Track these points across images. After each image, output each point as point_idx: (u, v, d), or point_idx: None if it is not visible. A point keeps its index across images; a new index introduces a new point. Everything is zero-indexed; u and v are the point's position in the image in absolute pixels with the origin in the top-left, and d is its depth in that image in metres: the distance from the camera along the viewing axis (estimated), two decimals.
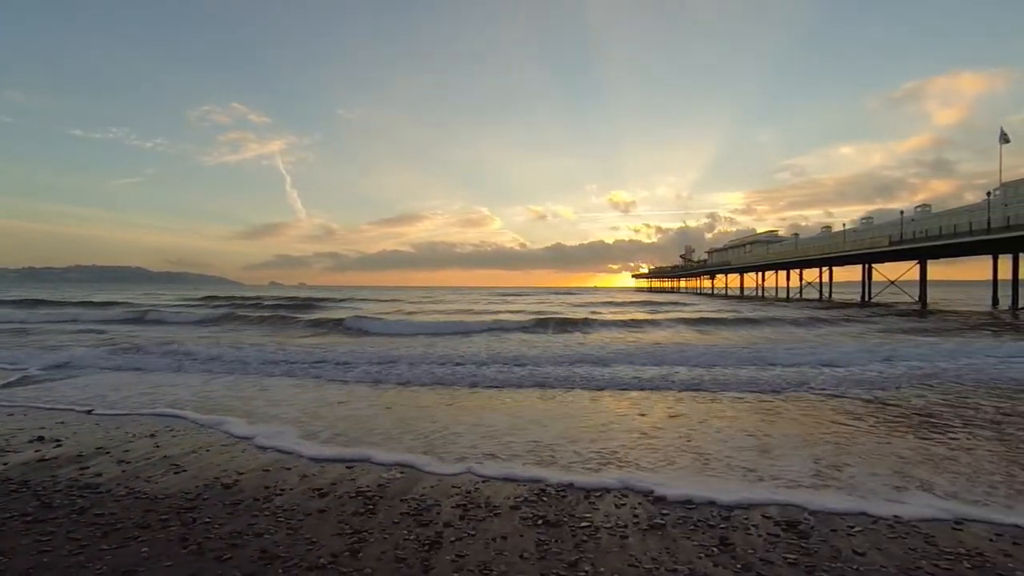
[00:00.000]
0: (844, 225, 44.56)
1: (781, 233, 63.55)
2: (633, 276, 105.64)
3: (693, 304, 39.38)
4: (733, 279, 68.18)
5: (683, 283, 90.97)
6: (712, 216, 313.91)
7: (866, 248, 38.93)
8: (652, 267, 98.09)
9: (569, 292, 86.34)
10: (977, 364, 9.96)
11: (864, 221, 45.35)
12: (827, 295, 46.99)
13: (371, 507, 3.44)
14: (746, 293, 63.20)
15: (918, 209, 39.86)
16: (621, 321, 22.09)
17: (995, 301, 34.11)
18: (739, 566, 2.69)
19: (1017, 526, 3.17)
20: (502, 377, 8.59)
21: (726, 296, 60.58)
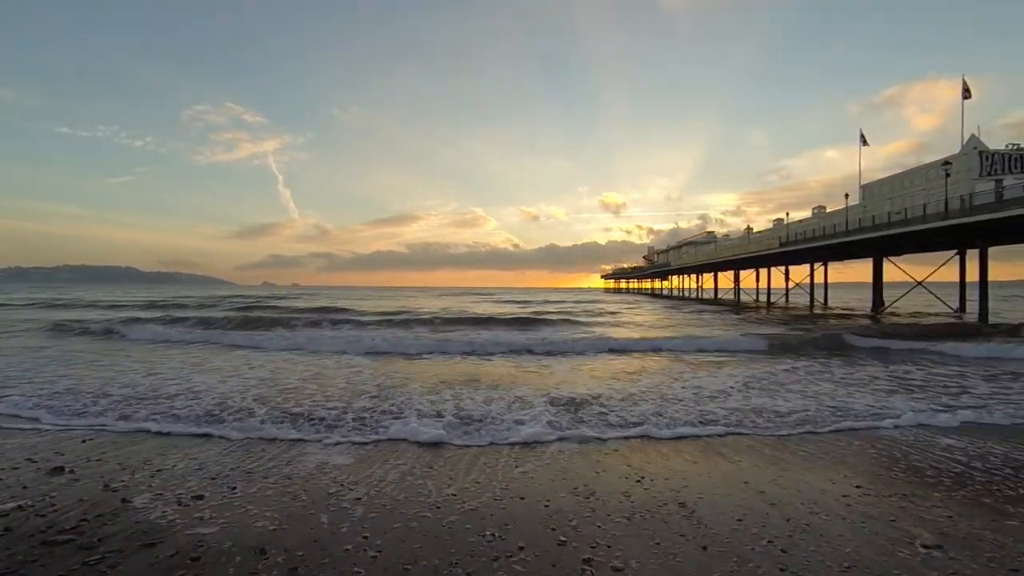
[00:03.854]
0: (750, 228, 44.45)
1: None
2: (602, 277, 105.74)
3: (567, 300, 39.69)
4: (686, 279, 67.91)
5: (647, 283, 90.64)
6: (703, 218, 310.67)
7: (762, 250, 38.85)
8: (614, 268, 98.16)
9: (522, 291, 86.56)
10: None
11: (776, 222, 45.06)
12: (740, 297, 46.86)
13: None
14: (700, 294, 62.97)
15: (815, 210, 39.66)
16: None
17: (879, 302, 33.79)
18: None
19: None
20: None
21: (666, 296, 60.51)
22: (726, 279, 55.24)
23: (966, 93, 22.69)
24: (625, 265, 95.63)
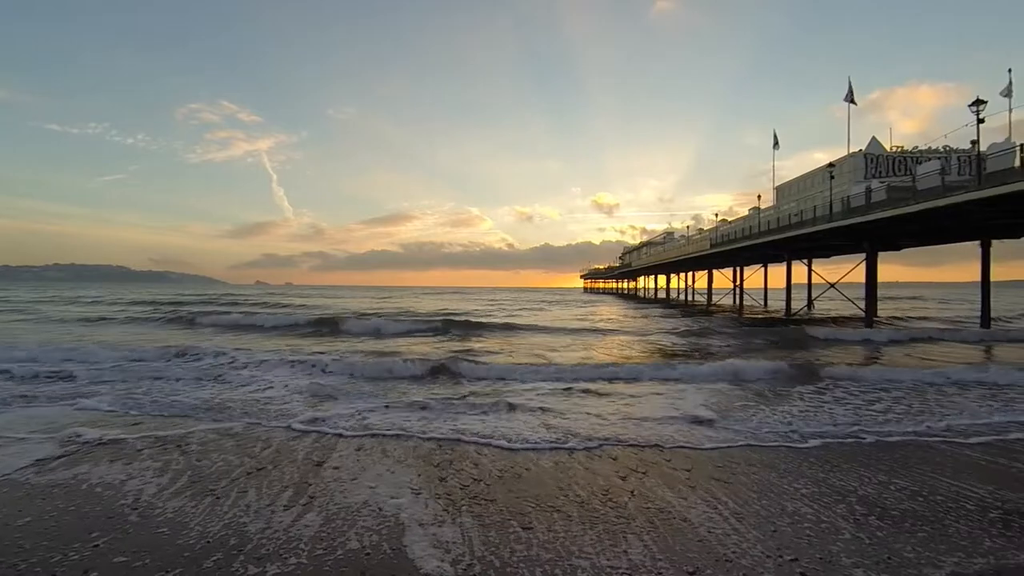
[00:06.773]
0: (700, 229, 43.95)
1: None
2: (581, 276, 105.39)
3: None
4: (651, 279, 67.24)
5: (621, 283, 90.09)
6: (696, 218, 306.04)
7: (695, 252, 38.49)
8: (590, 269, 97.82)
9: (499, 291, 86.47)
10: None
11: (720, 222, 44.53)
12: (688, 298, 46.46)
13: None
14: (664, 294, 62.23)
15: (750, 211, 39.15)
16: None
17: (808, 303, 33.14)
18: None
19: None
20: None
21: (626, 295, 60.13)
22: (700, 279, 54.67)
23: (849, 96, 22.23)
24: (599, 266, 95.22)
